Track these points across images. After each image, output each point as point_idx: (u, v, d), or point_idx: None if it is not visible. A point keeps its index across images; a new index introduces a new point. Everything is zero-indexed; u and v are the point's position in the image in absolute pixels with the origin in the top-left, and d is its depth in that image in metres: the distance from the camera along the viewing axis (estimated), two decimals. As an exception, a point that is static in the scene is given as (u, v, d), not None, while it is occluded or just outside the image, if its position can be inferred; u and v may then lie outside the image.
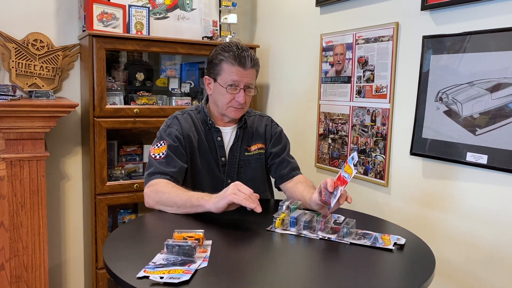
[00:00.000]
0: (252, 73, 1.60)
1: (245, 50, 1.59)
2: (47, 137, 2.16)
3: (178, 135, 1.60)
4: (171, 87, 2.55)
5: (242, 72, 1.56)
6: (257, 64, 1.62)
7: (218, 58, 1.59)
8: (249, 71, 1.58)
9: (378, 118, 1.96)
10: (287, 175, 1.70)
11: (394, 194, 1.92)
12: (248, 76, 1.58)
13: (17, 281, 1.94)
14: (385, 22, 1.91)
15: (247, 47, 1.63)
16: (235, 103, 1.59)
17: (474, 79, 1.54)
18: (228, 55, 1.56)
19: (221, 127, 1.67)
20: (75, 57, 2.41)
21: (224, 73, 1.58)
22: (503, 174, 1.48)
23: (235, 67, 1.56)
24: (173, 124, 1.64)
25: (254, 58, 1.59)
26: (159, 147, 1.58)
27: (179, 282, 0.95)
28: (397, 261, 1.16)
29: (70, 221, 2.51)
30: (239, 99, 1.58)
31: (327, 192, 1.33)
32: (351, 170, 1.29)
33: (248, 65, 1.56)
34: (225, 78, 1.58)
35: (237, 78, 1.56)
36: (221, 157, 1.66)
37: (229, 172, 1.67)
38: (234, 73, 1.56)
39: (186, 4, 2.55)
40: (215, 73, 1.61)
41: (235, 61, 1.55)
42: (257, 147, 1.72)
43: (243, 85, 1.58)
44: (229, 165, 1.66)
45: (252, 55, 1.59)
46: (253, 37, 2.96)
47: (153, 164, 1.56)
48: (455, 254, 1.65)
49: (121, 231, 1.38)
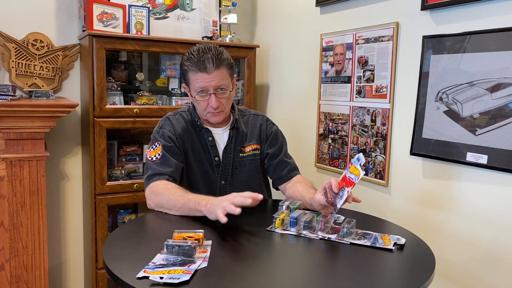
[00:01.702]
0: (220, 74, 1.52)
1: (206, 53, 1.50)
2: (47, 137, 2.16)
3: (171, 135, 1.60)
4: (171, 87, 2.56)
5: (206, 77, 1.51)
6: (223, 63, 1.52)
7: (183, 69, 1.56)
8: (214, 74, 1.51)
9: (378, 118, 1.96)
10: (285, 176, 1.69)
11: (394, 194, 1.92)
12: (215, 79, 1.51)
13: (17, 281, 1.94)
14: (385, 22, 1.91)
15: (215, 46, 1.56)
16: (210, 108, 1.56)
17: (474, 79, 1.54)
18: (189, 64, 1.52)
19: (211, 128, 1.66)
20: (75, 57, 2.41)
21: (191, 81, 1.55)
22: (503, 174, 1.48)
23: (198, 74, 1.51)
24: (165, 125, 1.64)
25: (218, 59, 1.50)
26: (154, 149, 1.59)
27: (179, 282, 0.95)
28: (397, 261, 1.16)
29: (70, 221, 2.52)
30: (212, 105, 1.54)
31: (332, 193, 1.32)
32: (358, 171, 1.29)
33: (210, 69, 1.49)
34: (194, 87, 1.55)
35: (203, 85, 1.52)
36: (214, 157, 1.65)
37: (223, 173, 1.66)
38: (199, 80, 1.52)
39: (186, 4, 2.55)
40: (187, 83, 1.59)
41: (196, 67, 1.51)
42: (252, 148, 1.69)
43: (212, 89, 1.53)
44: (223, 166, 1.65)
45: (216, 54, 1.51)
46: (253, 37, 2.96)
47: (150, 167, 1.57)
48: (455, 254, 1.65)
49: (121, 231, 1.38)
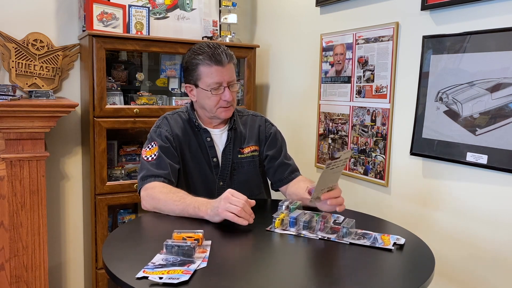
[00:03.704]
0: (231, 68, 1.56)
1: (217, 48, 1.54)
2: (47, 137, 2.16)
3: (168, 135, 1.58)
4: (171, 87, 2.55)
5: (222, 70, 1.52)
6: (233, 58, 1.57)
7: (194, 63, 1.55)
8: (227, 67, 1.53)
9: (378, 118, 1.96)
10: (286, 178, 1.68)
11: (394, 194, 1.92)
12: (229, 73, 1.54)
13: (17, 281, 1.94)
14: (385, 22, 1.91)
15: (218, 44, 1.58)
16: (223, 103, 1.56)
17: (474, 79, 1.54)
18: (203, 57, 1.52)
19: (210, 129, 1.64)
20: (75, 57, 2.41)
21: (204, 76, 1.53)
22: (503, 174, 1.48)
23: (214, 67, 1.52)
24: (163, 124, 1.62)
25: (228, 53, 1.55)
26: (150, 148, 1.56)
27: (178, 282, 0.95)
28: (396, 261, 1.16)
29: (70, 221, 2.52)
30: (226, 98, 1.54)
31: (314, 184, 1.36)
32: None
33: (225, 62, 1.52)
34: (206, 81, 1.53)
35: (219, 79, 1.53)
36: (212, 158, 1.63)
37: (222, 174, 1.64)
38: (214, 74, 1.52)
39: (186, 4, 2.55)
40: (195, 79, 1.57)
41: (211, 61, 1.51)
42: (251, 150, 1.67)
43: (226, 83, 1.54)
44: (222, 168, 1.64)
45: (225, 50, 1.55)
46: (253, 37, 2.96)
47: (145, 167, 1.54)
48: (454, 254, 1.65)
49: (120, 231, 1.37)
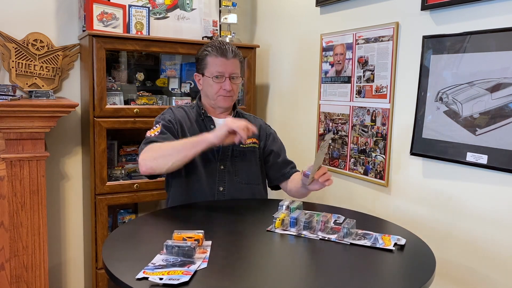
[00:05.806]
0: (235, 63, 1.73)
1: (226, 44, 1.73)
2: (47, 137, 2.16)
3: (171, 119, 1.71)
4: (171, 87, 2.55)
5: (225, 62, 1.70)
6: (238, 55, 1.75)
7: (203, 54, 1.74)
8: (231, 61, 1.71)
9: (378, 118, 1.96)
10: (289, 172, 1.80)
11: (394, 194, 1.92)
12: (232, 66, 1.71)
13: (17, 281, 1.94)
14: (385, 22, 1.91)
15: (228, 42, 1.76)
16: (223, 91, 1.71)
17: (474, 79, 1.54)
18: (211, 49, 1.72)
19: (214, 118, 1.77)
20: (75, 57, 2.41)
21: (210, 65, 1.71)
22: (503, 174, 1.48)
23: (219, 59, 1.70)
24: (167, 112, 1.76)
25: (235, 50, 1.74)
26: (154, 129, 1.67)
27: (178, 283, 0.95)
28: (397, 261, 1.16)
29: (70, 221, 2.51)
30: (226, 87, 1.70)
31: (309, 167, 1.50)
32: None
33: (230, 55, 1.71)
34: (211, 70, 1.71)
35: (222, 68, 1.70)
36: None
37: (223, 158, 1.72)
38: (218, 64, 1.70)
39: (186, 4, 2.55)
40: (202, 68, 1.74)
41: (217, 52, 1.70)
42: (252, 141, 1.78)
43: (228, 74, 1.70)
44: (223, 151, 1.72)
45: (233, 47, 1.74)
46: (253, 37, 2.96)
47: (148, 138, 1.63)
48: (455, 254, 1.65)
49: (120, 231, 1.38)
